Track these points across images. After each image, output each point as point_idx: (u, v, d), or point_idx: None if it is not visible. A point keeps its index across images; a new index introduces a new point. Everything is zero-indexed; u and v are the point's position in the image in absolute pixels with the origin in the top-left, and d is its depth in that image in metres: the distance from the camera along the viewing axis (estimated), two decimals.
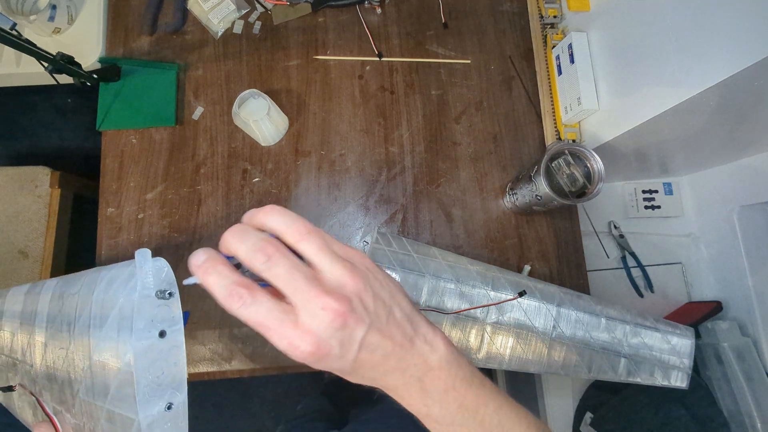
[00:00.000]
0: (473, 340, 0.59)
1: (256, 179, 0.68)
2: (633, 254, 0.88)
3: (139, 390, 0.29)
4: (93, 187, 0.74)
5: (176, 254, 0.65)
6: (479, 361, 0.59)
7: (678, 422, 0.73)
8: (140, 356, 0.29)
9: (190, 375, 0.60)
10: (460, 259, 0.62)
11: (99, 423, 0.33)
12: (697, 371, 0.80)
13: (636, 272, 0.88)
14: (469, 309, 0.59)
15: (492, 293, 0.60)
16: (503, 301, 0.59)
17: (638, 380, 0.61)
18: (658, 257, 0.89)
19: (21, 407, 0.42)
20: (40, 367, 0.39)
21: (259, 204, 0.67)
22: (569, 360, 0.60)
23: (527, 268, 0.66)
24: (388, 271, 0.58)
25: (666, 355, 0.62)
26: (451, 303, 0.59)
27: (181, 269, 0.56)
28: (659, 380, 0.62)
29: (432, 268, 0.60)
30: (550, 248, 0.69)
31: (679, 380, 0.62)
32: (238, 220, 0.27)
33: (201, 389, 1.35)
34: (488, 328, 0.60)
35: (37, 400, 0.39)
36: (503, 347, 0.59)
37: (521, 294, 0.57)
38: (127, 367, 0.30)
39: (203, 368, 0.61)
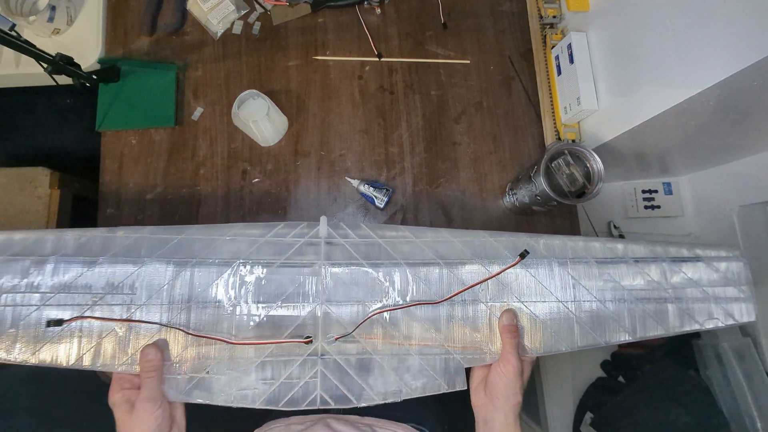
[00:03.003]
0: (480, 328, 0.48)
1: (256, 180, 0.68)
2: None
3: None
4: (93, 188, 0.74)
5: None
6: (494, 354, 0.47)
7: (678, 422, 0.73)
8: None
9: None
10: (438, 232, 0.51)
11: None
12: (697, 371, 0.80)
13: None
14: (462, 290, 0.48)
15: (488, 265, 0.49)
16: (503, 270, 0.48)
17: (696, 327, 0.49)
18: None
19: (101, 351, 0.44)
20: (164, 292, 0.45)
21: (259, 205, 0.67)
22: (603, 325, 0.48)
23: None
24: (354, 268, 0.49)
25: (719, 288, 0.51)
26: (439, 288, 0.48)
27: None
28: (722, 321, 0.50)
29: (406, 251, 0.49)
30: None
31: (745, 314, 0.51)
32: (237, 221, 0.27)
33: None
34: (495, 309, 0.48)
35: (147, 322, 0.45)
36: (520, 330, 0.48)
37: (523, 255, 0.48)
38: None
39: None
